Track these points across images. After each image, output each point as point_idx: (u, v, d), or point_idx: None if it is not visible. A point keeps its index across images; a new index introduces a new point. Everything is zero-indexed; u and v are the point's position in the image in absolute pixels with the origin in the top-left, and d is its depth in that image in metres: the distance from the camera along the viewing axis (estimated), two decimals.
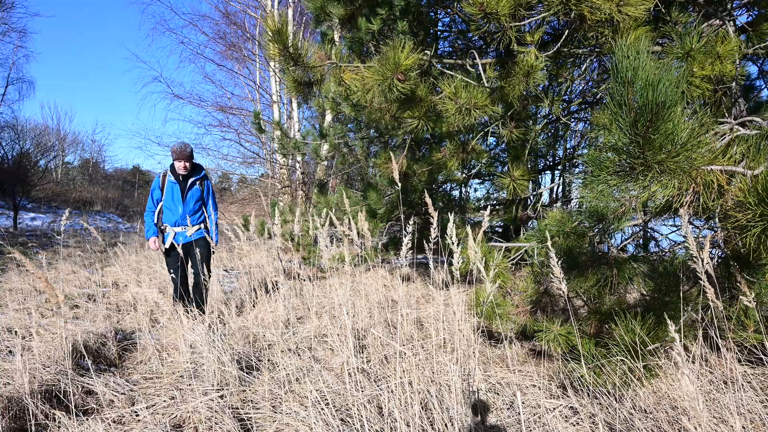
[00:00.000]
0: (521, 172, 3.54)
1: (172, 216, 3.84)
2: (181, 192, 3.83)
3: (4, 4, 15.93)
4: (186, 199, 3.84)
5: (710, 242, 2.29)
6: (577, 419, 2.03)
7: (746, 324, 2.02)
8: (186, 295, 3.85)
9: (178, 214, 3.83)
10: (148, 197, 3.93)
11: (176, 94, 14.99)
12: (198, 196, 3.91)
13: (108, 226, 15.28)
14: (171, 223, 3.84)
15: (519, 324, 2.83)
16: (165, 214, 3.86)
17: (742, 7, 3.02)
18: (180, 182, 3.83)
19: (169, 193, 3.83)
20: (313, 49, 3.42)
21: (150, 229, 3.88)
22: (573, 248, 2.49)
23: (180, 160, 3.76)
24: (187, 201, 3.85)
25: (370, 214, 4.62)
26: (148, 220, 3.90)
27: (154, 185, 3.92)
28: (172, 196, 3.82)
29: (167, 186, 3.85)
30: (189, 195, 3.86)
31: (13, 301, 4.20)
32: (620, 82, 1.22)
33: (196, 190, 3.89)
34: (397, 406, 1.86)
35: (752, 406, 1.90)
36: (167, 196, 3.84)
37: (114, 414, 2.19)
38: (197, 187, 3.90)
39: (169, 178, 3.83)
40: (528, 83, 2.74)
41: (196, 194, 3.90)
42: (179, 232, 3.84)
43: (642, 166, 1.33)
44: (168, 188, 3.84)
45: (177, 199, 3.82)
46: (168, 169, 3.89)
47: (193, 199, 3.88)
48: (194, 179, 3.88)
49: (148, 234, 3.88)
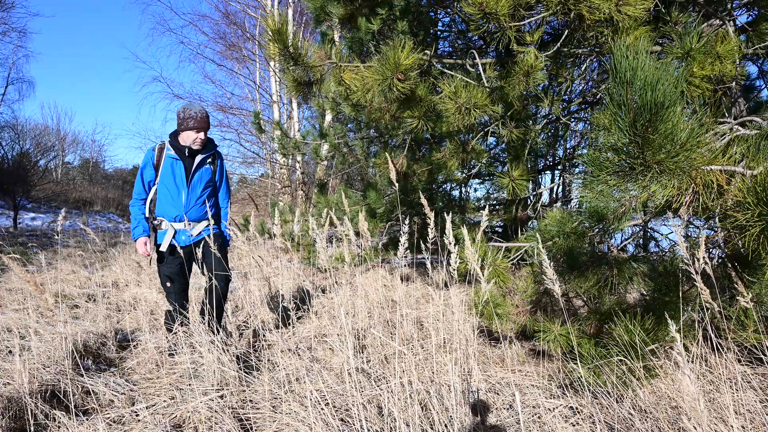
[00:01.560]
0: (521, 172, 3.54)
1: (170, 207, 2.82)
2: (186, 173, 2.80)
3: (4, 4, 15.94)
4: (192, 182, 2.82)
5: (710, 242, 2.30)
6: (577, 419, 2.03)
7: (746, 324, 2.02)
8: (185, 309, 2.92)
9: (180, 205, 2.81)
10: (136, 180, 2.85)
11: (176, 94, 15.02)
12: (208, 180, 2.89)
13: (108, 226, 15.29)
14: (169, 218, 2.82)
15: (519, 324, 2.83)
16: (160, 204, 2.83)
17: (742, 7, 3.02)
18: (184, 159, 2.80)
19: (167, 174, 2.78)
20: (313, 49, 3.43)
21: (139, 225, 2.83)
22: (573, 248, 2.49)
23: (196, 130, 2.73)
24: (194, 186, 2.83)
25: (369, 214, 4.63)
26: (135, 212, 2.85)
27: (146, 161, 2.82)
28: (173, 178, 2.79)
29: (165, 164, 2.78)
30: (197, 177, 2.83)
31: (13, 301, 4.21)
32: (619, 82, 1.22)
33: (206, 170, 2.86)
34: (397, 406, 1.86)
35: (752, 406, 1.90)
36: (164, 178, 2.79)
37: (114, 414, 2.19)
38: (208, 166, 2.87)
39: (169, 153, 2.78)
40: (528, 83, 2.74)
41: (206, 176, 2.87)
42: (181, 229, 2.83)
43: (641, 166, 1.33)
44: (166, 167, 2.78)
45: (180, 183, 2.80)
46: (167, 141, 2.82)
47: (202, 183, 2.86)
48: (204, 156, 2.84)
49: (137, 232, 2.83)
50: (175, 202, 2.81)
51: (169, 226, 2.82)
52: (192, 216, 2.86)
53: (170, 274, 2.87)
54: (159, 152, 2.79)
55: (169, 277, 2.87)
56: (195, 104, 2.79)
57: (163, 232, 2.83)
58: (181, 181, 2.80)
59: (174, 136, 2.82)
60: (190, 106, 2.76)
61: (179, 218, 2.82)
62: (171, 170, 2.79)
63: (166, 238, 2.81)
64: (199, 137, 2.74)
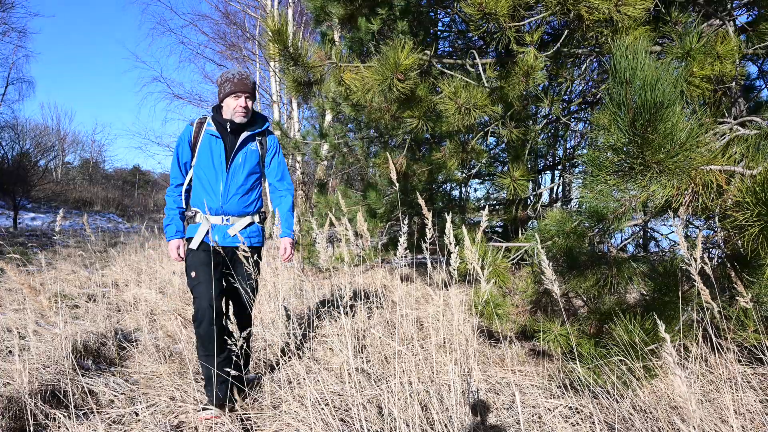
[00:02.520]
0: (521, 172, 3.54)
1: (206, 195, 2.26)
2: (226, 153, 2.26)
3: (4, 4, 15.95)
4: (232, 165, 2.26)
5: (710, 242, 2.30)
6: (577, 419, 2.03)
7: (746, 324, 2.02)
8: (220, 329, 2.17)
9: (218, 193, 2.25)
10: (171, 161, 2.35)
11: (176, 94, 15.05)
12: (255, 164, 2.33)
13: (108, 226, 15.29)
14: (204, 209, 2.25)
15: (519, 324, 2.83)
16: (195, 192, 2.32)
17: (742, 7, 3.02)
18: (225, 137, 2.27)
19: (205, 154, 2.26)
20: (313, 49, 3.43)
21: (172, 223, 2.30)
22: (573, 248, 2.50)
23: (235, 95, 2.22)
24: (234, 170, 2.27)
25: (370, 214, 4.63)
26: (170, 203, 2.33)
27: (181, 138, 2.31)
28: (211, 160, 2.25)
29: (203, 141, 2.27)
30: (239, 159, 2.27)
31: (13, 301, 4.21)
32: (619, 81, 1.22)
33: (252, 153, 2.31)
34: (397, 406, 1.86)
35: (752, 406, 1.90)
36: (201, 159, 2.27)
37: (114, 414, 2.20)
38: (254, 148, 2.32)
39: (209, 129, 2.27)
40: (528, 83, 2.75)
41: (251, 159, 2.31)
42: (218, 225, 2.27)
43: (641, 166, 1.33)
44: (204, 145, 2.26)
45: (218, 166, 2.25)
46: (208, 115, 2.33)
47: (245, 167, 2.29)
48: (251, 133, 2.30)
49: (169, 232, 2.29)
50: (212, 191, 2.26)
51: (203, 219, 2.25)
52: (231, 208, 2.27)
53: (194, 263, 2.23)
54: (198, 127, 2.29)
55: (199, 277, 2.21)
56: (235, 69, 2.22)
57: (196, 225, 2.27)
58: (219, 163, 2.25)
59: (217, 110, 2.33)
60: (229, 69, 2.32)
61: (216, 210, 2.26)
62: (209, 149, 2.26)
63: (199, 234, 2.24)
64: (239, 105, 2.21)
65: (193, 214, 2.29)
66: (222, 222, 2.27)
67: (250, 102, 2.26)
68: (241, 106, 2.22)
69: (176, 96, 14.56)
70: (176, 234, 2.29)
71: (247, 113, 2.26)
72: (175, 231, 2.29)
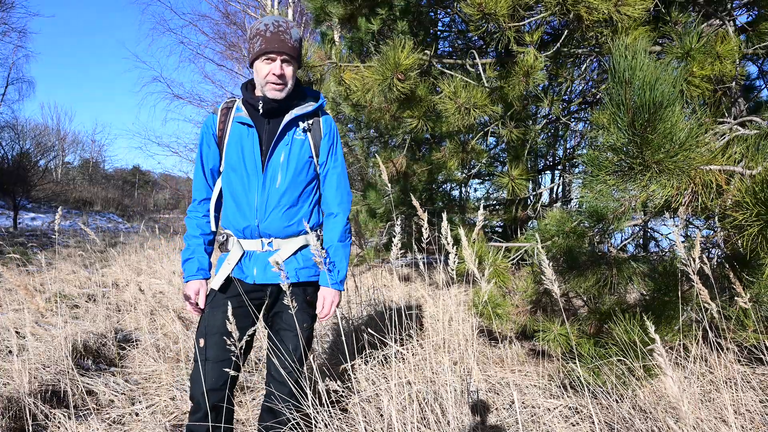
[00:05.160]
0: (521, 172, 3.55)
1: (238, 209, 1.57)
2: (261, 148, 1.54)
3: (4, 4, 15.95)
4: (270, 164, 1.53)
5: (710, 242, 2.30)
6: (577, 419, 2.03)
7: (746, 324, 2.02)
8: (211, 401, 1.50)
9: (253, 206, 1.54)
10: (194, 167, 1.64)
11: (176, 94, 14.97)
12: (305, 160, 1.57)
13: (108, 226, 15.30)
14: (236, 230, 1.58)
15: (519, 324, 2.83)
16: (226, 207, 1.62)
17: (742, 7, 3.02)
18: (259, 123, 1.54)
19: (235, 151, 1.55)
20: (313, 49, 3.43)
21: (193, 257, 1.59)
22: (573, 248, 2.49)
23: (267, 56, 1.46)
24: (273, 170, 1.53)
25: (370, 214, 4.63)
26: (190, 227, 1.62)
27: (204, 133, 1.60)
28: (242, 157, 1.54)
29: (231, 134, 1.55)
30: (279, 154, 1.54)
31: (13, 301, 4.21)
32: (618, 81, 1.22)
33: (300, 142, 1.55)
34: (396, 407, 1.86)
35: (752, 406, 1.90)
36: (230, 158, 1.56)
37: (114, 414, 2.20)
38: (302, 136, 1.56)
39: (238, 116, 1.55)
40: (528, 83, 2.75)
41: (300, 154, 1.56)
42: (256, 252, 1.57)
43: (640, 166, 1.33)
44: (233, 139, 1.55)
45: (251, 165, 1.54)
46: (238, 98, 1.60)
47: (290, 164, 1.54)
48: (297, 116, 1.53)
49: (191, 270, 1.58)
50: (246, 202, 1.55)
51: (235, 246, 1.58)
52: (272, 227, 1.54)
53: (209, 325, 1.54)
54: (224, 115, 1.57)
55: (204, 331, 1.54)
56: (270, 17, 1.50)
57: (224, 256, 1.60)
58: (252, 162, 1.53)
59: (248, 87, 1.59)
60: (263, 17, 1.49)
61: (251, 231, 1.55)
62: (239, 144, 1.54)
63: (224, 268, 1.56)
64: (272, 72, 1.46)
65: (225, 239, 1.61)
66: (262, 248, 1.56)
67: (290, 68, 1.49)
68: (275, 74, 1.46)
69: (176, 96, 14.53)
70: (198, 273, 1.58)
71: (285, 85, 1.49)
72: (196, 269, 1.58)
